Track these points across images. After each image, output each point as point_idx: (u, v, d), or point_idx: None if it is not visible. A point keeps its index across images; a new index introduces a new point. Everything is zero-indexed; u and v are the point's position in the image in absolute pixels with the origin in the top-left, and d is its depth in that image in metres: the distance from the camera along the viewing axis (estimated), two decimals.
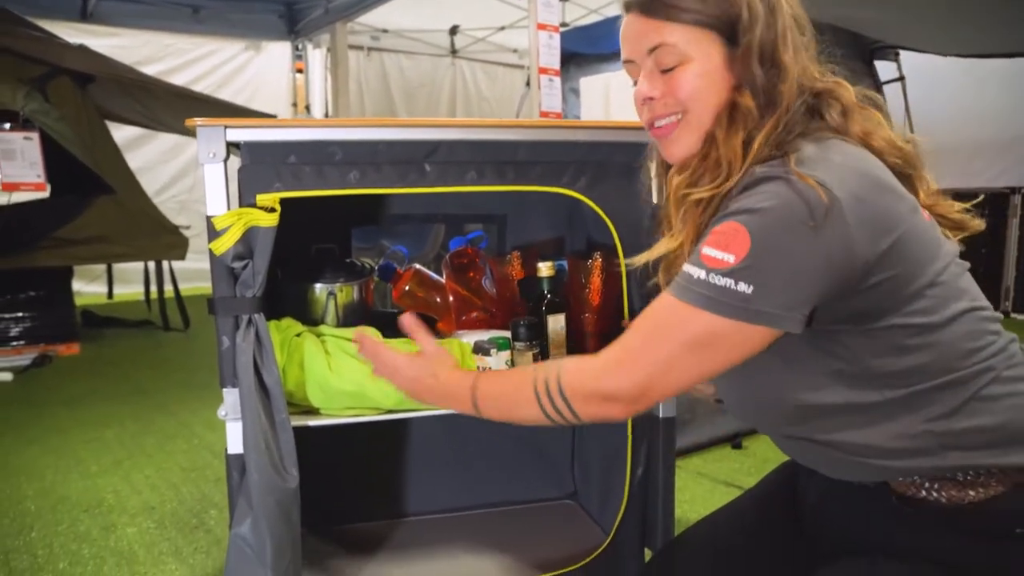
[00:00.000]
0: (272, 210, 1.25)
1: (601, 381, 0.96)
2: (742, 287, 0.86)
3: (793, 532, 1.15)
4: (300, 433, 1.32)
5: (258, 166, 1.27)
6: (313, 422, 1.38)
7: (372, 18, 6.53)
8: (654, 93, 1.01)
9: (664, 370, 0.92)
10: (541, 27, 4.13)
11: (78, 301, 4.78)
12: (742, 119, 0.96)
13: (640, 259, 1.05)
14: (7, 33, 3.73)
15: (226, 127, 1.23)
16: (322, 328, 1.47)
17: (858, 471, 0.99)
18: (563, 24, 5.04)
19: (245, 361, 1.24)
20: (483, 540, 1.73)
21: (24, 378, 3.68)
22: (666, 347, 0.92)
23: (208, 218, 1.23)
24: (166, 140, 6.02)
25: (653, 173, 1.21)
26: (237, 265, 1.24)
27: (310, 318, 1.50)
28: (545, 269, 1.47)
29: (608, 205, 1.39)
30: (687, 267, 0.92)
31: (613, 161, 1.39)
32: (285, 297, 1.54)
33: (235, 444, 1.28)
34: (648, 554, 1.55)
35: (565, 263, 1.62)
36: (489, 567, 1.60)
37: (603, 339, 1.54)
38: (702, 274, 0.89)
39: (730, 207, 0.91)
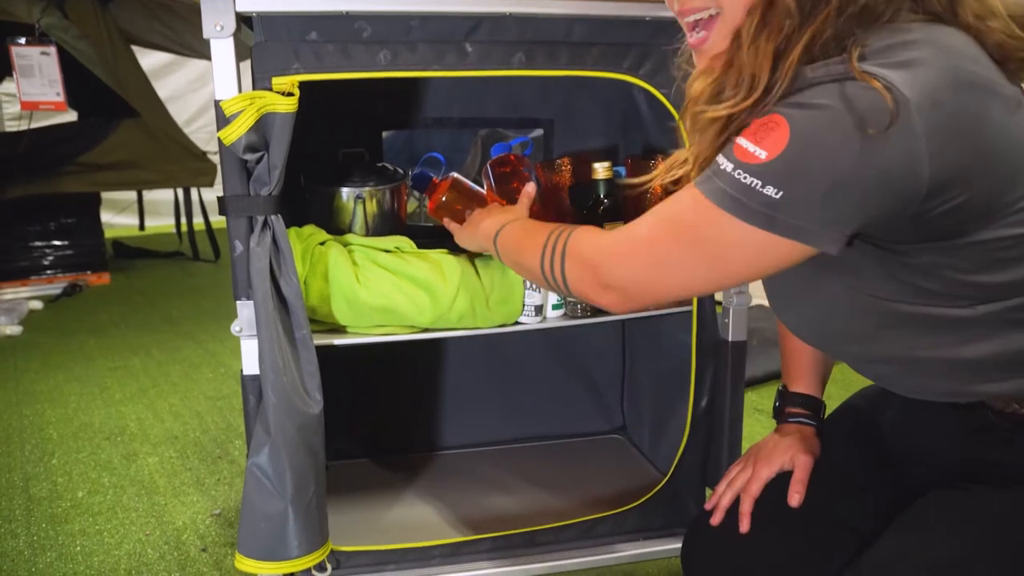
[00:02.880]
0: (290, 95, 1.08)
1: (600, 258, 0.87)
2: (769, 190, 0.72)
3: (878, 456, 1.01)
4: (324, 353, 1.18)
5: (274, 44, 1.10)
6: (339, 341, 1.24)
7: None
8: None
9: (665, 270, 0.82)
10: None
11: (109, 233, 4.70)
12: (776, 22, 0.76)
13: (643, 179, 0.96)
14: None
15: None
16: (349, 237, 1.31)
17: (950, 393, 0.86)
18: None
19: (260, 268, 1.09)
20: (525, 477, 1.59)
21: (54, 307, 3.62)
22: (673, 243, 0.81)
23: (216, 103, 1.06)
24: (195, 68, 5.84)
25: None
26: (250, 157, 1.07)
27: (336, 227, 1.34)
28: (602, 170, 1.28)
29: (675, 95, 1.19)
30: (719, 156, 0.77)
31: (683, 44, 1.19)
32: (309, 205, 1.38)
33: (251, 364, 1.14)
34: (709, 494, 1.40)
35: (622, 169, 1.44)
36: (533, 506, 1.47)
37: None
38: (729, 167, 0.75)
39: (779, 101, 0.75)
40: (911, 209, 0.72)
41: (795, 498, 1.00)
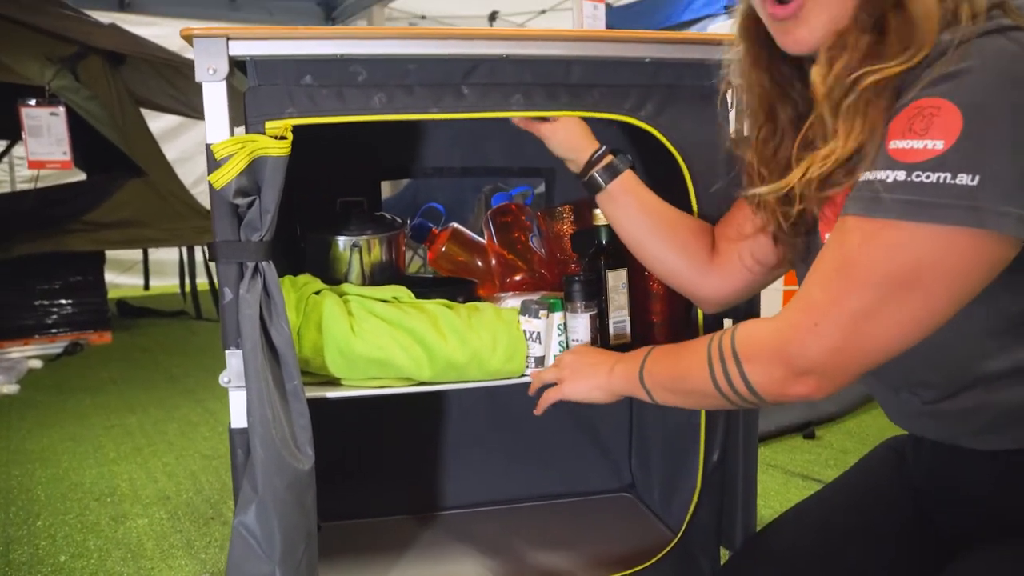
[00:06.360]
0: (282, 138, 1.06)
1: (783, 343, 0.73)
2: (963, 179, 0.62)
3: (910, 511, 0.94)
4: (317, 407, 1.12)
5: (268, 88, 1.08)
6: (332, 393, 1.18)
7: (410, 4, 6.39)
8: None
9: (863, 327, 0.68)
10: None
11: (114, 292, 4.71)
12: None
13: (793, 177, 0.76)
14: (37, 10, 3.63)
15: (228, 38, 1.04)
16: (345, 287, 1.27)
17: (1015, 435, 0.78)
18: (607, 4, 4.87)
19: (250, 316, 1.05)
20: (529, 538, 1.52)
21: (54, 365, 3.59)
22: (862, 291, 0.67)
23: (207, 146, 1.04)
24: (203, 130, 5.92)
25: (741, 86, 0.96)
26: (241, 202, 1.04)
27: (332, 277, 1.31)
28: (603, 216, 1.25)
29: (677, 136, 1.17)
30: (872, 175, 0.67)
31: (684, 84, 1.17)
32: (304, 254, 1.35)
33: (239, 416, 1.09)
34: (724, 555, 1.33)
35: None
36: (538, 569, 1.39)
37: (670, 301, 1.33)
38: (900, 175, 0.64)
39: (913, 89, 0.66)
40: None
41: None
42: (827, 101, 0.72)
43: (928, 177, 0.63)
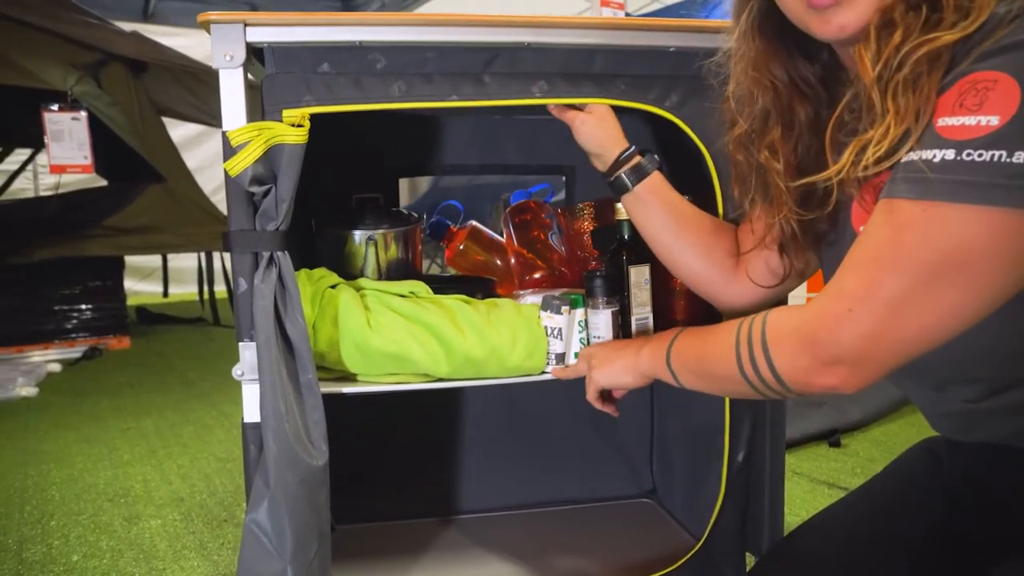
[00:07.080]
0: (299, 126, 1.04)
1: (813, 329, 0.69)
2: (1020, 156, 0.57)
3: (938, 514, 0.90)
4: (334, 407, 1.09)
5: (285, 76, 1.06)
6: (348, 389, 1.16)
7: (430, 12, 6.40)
8: None
9: (900, 314, 0.63)
10: (604, 3, 3.92)
11: (133, 299, 4.73)
12: None
13: (845, 162, 0.70)
14: (61, 18, 3.67)
15: (246, 24, 1.02)
16: (361, 281, 1.25)
17: None
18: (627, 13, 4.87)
19: (264, 306, 1.02)
20: (546, 545, 1.48)
21: (73, 369, 3.60)
22: (899, 276, 0.63)
23: (223, 134, 1.02)
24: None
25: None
26: (256, 190, 1.02)
27: (348, 272, 1.28)
28: (625, 211, 1.21)
29: (703, 127, 1.14)
30: (917, 155, 0.63)
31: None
32: (320, 250, 1.33)
33: (251, 410, 1.06)
34: (751, 561, 1.28)
35: None
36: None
37: (693, 298, 1.29)
38: (949, 154, 0.60)
39: (962, 64, 0.62)
40: None
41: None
42: (878, 81, 0.67)
43: (980, 156, 0.59)
